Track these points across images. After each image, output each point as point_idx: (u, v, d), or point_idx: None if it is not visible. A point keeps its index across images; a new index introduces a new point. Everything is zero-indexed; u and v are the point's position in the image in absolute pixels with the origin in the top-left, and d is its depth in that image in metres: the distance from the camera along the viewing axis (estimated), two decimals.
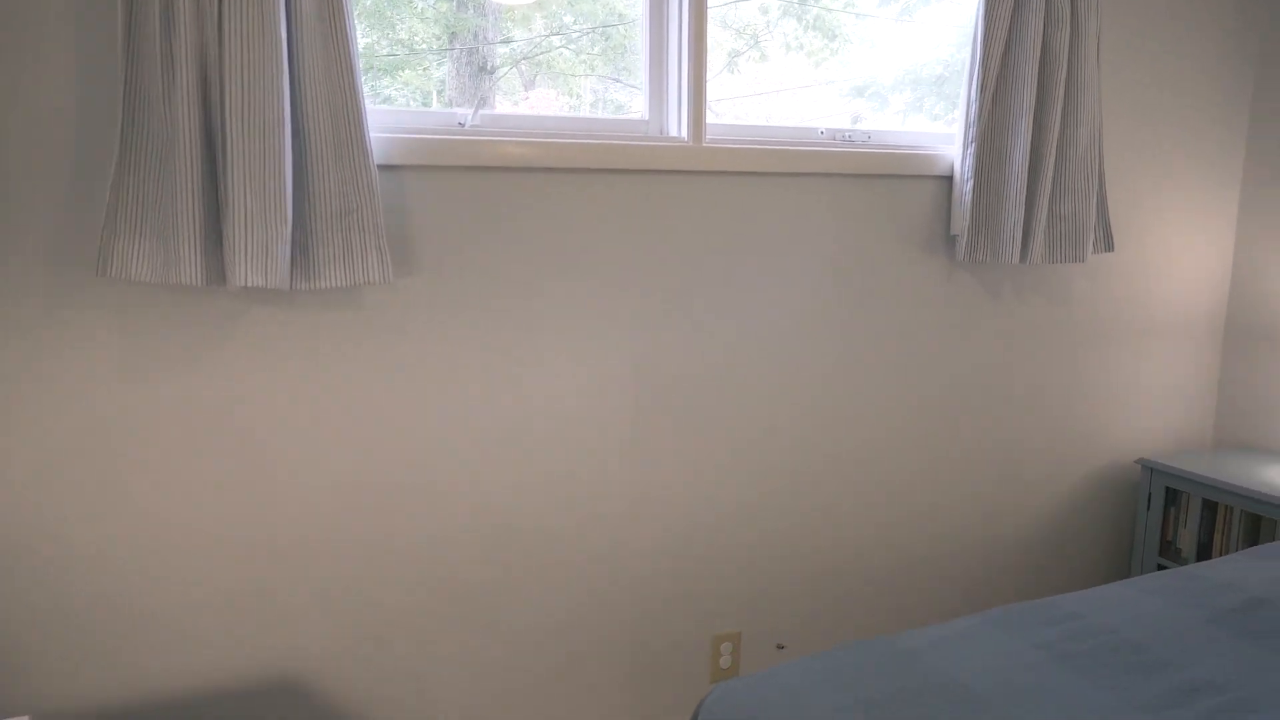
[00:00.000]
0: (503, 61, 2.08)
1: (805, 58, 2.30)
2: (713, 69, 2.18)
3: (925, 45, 2.40)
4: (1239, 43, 2.60)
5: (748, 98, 2.29)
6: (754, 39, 2.26)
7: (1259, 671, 1.53)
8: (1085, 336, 2.55)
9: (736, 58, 2.26)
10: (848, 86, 2.38)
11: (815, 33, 2.30)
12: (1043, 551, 2.63)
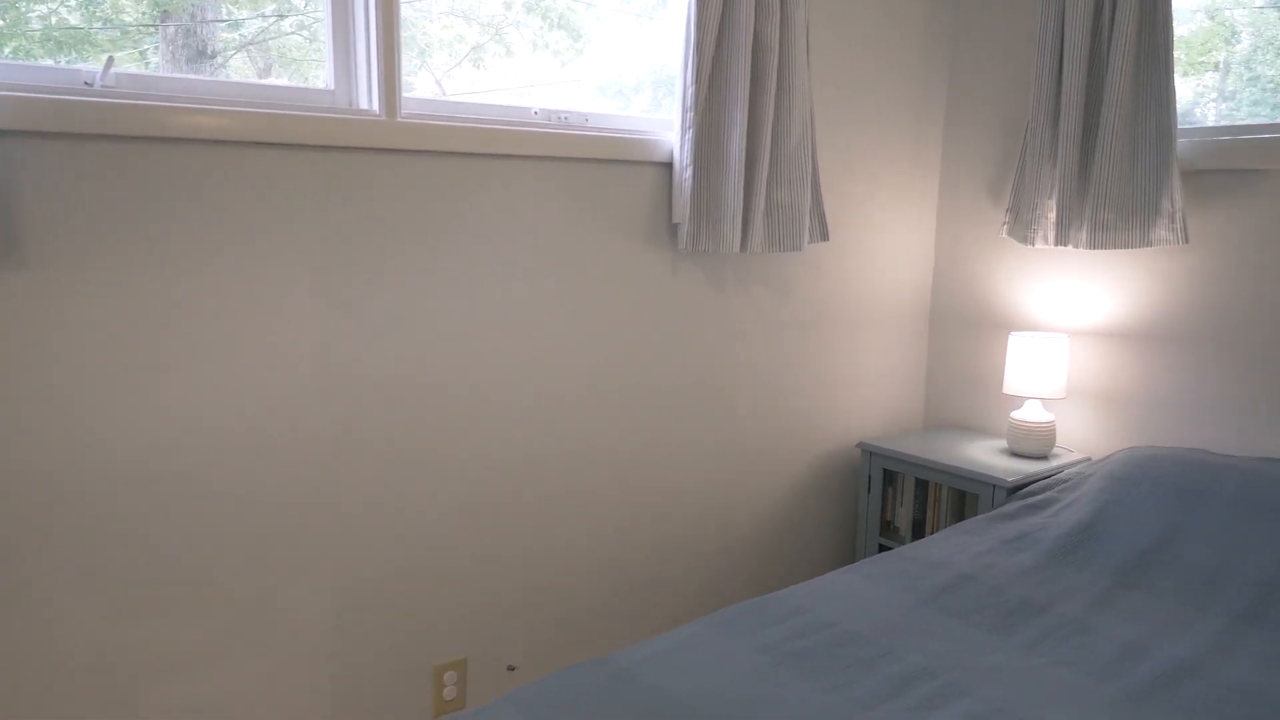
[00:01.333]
0: (227, 46, 1.77)
1: (552, 56, 2.20)
2: (451, 61, 2.05)
3: (666, 45, 2.36)
4: (934, 44, 2.74)
5: (493, 92, 2.15)
6: (496, 32, 2.12)
7: (968, 653, 1.54)
8: (807, 325, 2.59)
9: (480, 52, 2.11)
10: (594, 86, 2.29)
11: (561, 31, 2.21)
12: (777, 541, 2.65)
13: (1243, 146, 2.17)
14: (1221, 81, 2.64)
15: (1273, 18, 2.46)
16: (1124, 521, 1.98)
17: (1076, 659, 1.52)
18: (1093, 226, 2.29)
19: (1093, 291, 2.50)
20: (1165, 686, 1.44)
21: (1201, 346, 2.29)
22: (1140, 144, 2.22)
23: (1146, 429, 2.40)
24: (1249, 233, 2.20)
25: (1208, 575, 1.79)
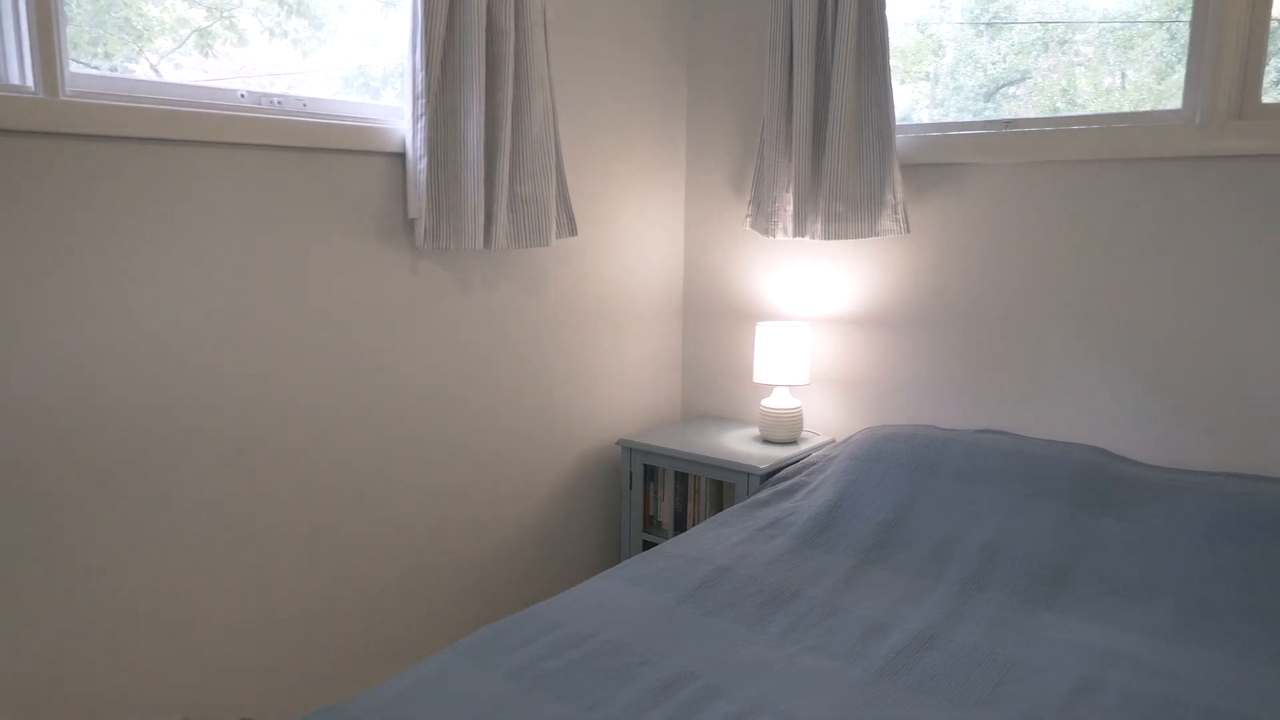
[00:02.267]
0: None
1: (292, 45, 1.97)
2: (169, 44, 1.79)
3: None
4: (674, 35, 2.75)
5: (223, 81, 1.88)
6: (226, 16, 1.86)
7: (726, 649, 1.52)
8: (562, 322, 2.51)
9: (209, 38, 1.84)
10: (339, 77, 2.08)
11: (301, 19, 1.98)
12: (542, 548, 2.56)
13: (951, 142, 2.33)
14: (933, 90, 2.84)
15: (971, 34, 2.68)
16: (865, 500, 2.06)
17: (825, 643, 1.55)
18: (826, 218, 2.37)
19: (831, 280, 2.61)
20: (906, 660, 1.49)
21: (926, 328, 2.45)
22: (865, 140, 2.33)
23: (884, 409, 2.54)
24: (959, 220, 2.37)
25: (938, 545, 1.89)
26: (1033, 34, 2.79)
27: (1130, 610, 1.64)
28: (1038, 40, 2.80)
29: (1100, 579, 1.74)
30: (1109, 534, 1.83)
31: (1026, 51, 2.80)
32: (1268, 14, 1.98)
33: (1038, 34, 2.79)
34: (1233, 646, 1.51)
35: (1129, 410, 2.17)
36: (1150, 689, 1.39)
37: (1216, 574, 1.68)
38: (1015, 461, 2.04)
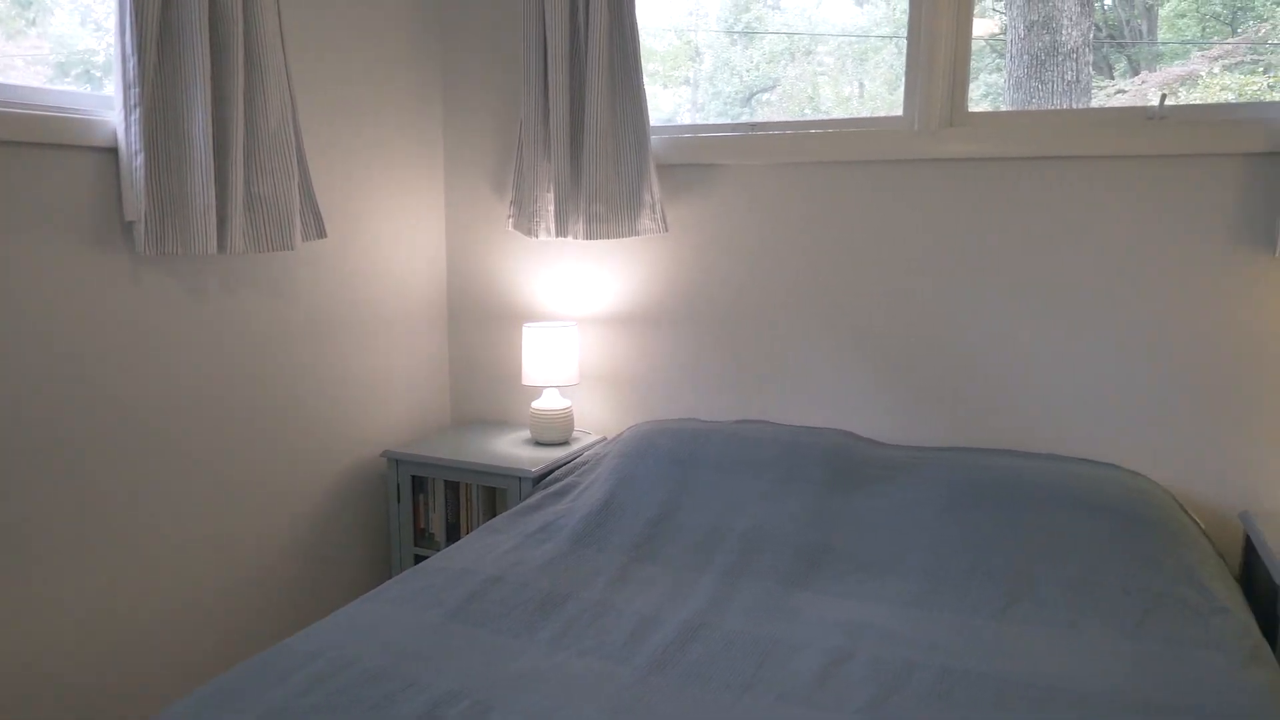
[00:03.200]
0: None
1: None
2: None
3: None
4: (425, 31, 2.66)
5: None
6: None
7: (496, 662, 1.48)
8: (316, 330, 2.36)
9: None
10: (53, 64, 1.81)
11: None
12: (307, 572, 2.39)
13: (704, 144, 2.41)
14: (694, 95, 2.92)
15: (726, 42, 2.78)
16: (634, 496, 2.08)
17: (597, 644, 1.54)
18: (588, 218, 2.38)
19: (596, 280, 2.62)
20: (675, 652, 1.51)
21: (688, 324, 2.52)
22: (622, 140, 2.36)
23: (652, 404, 2.59)
24: (714, 219, 2.45)
25: (704, 536, 1.94)
26: (781, 44, 2.95)
27: (878, 582, 1.76)
28: (786, 50, 2.96)
29: (851, 555, 1.85)
30: (857, 512, 1.96)
31: (776, 60, 2.96)
32: (969, 34, 2.20)
33: (785, 44, 2.95)
34: (966, 607, 1.65)
35: (872, 394, 2.34)
36: (895, 655, 1.49)
37: (952, 541, 1.83)
38: (771, 450, 2.14)
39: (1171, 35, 4.06)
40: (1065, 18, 3.92)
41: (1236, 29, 3.75)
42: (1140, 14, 4.41)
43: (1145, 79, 4.27)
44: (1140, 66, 4.34)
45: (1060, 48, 3.87)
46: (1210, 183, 2.00)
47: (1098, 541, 1.77)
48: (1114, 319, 2.10)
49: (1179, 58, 3.93)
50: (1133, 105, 2.15)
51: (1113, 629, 1.55)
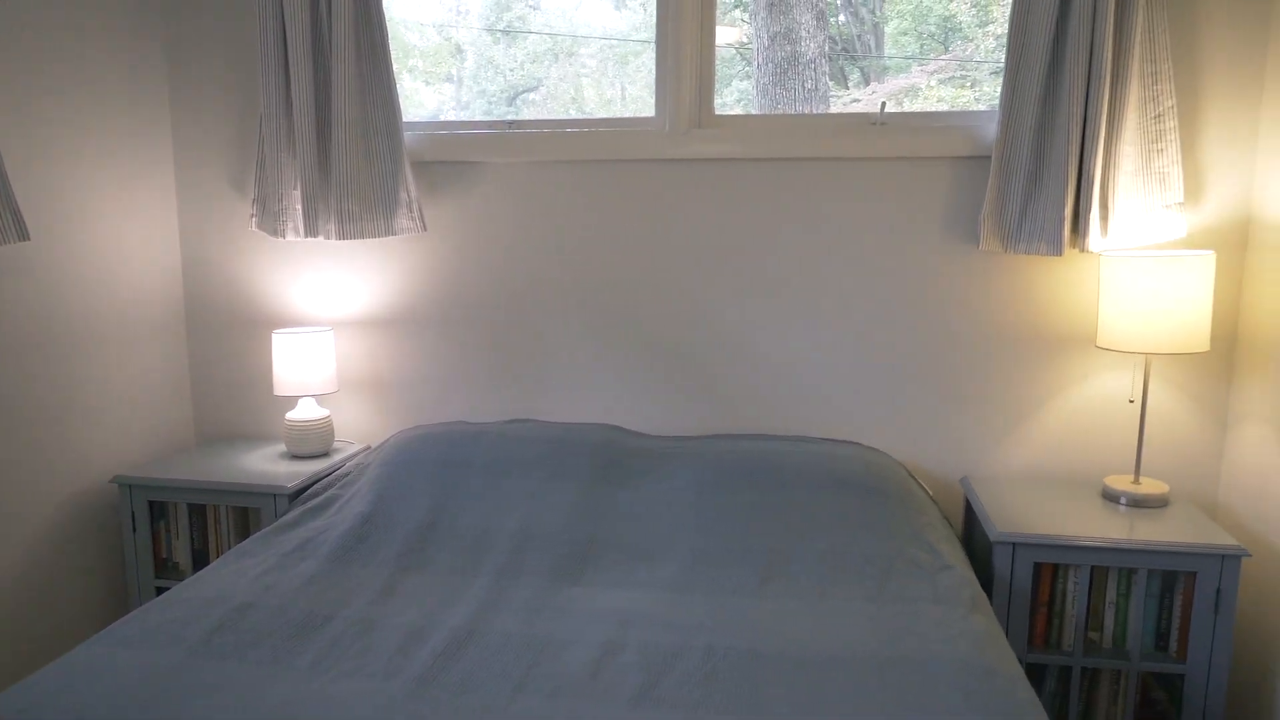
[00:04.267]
0: None
1: None
2: None
3: None
4: (146, 27, 2.42)
5: None
6: None
7: (247, 698, 1.36)
8: (26, 347, 2.08)
9: None
10: None
11: None
12: (26, 617, 2.10)
13: (463, 140, 2.36)
14: (458, 92, 2.86)
15: (489, 40, 2.74)
16: (400, 506, 2.01)
17: (362, 664, 1.47)
18: (340, 217, 2.27)
19: (352, 282, 2.50)
20: (446, 661, 1.47)
21: (452, 325, 2.46)
22: (373, 136, 2.27)
23: (419, 410, 2.51)
24: (475, 218, 2.41)
25: (475, 540, 1.91)
26: (544, 44, 2.95)
27: (644, 571, 1.80)
28: (549, 51, 2.96)
29: (619, 546, 1.89)
30: (624, 503, 2.00)
31: (540, 60, 2.95)
32: (713, 42, 2.30)
33: (548, 45, 2.95)
34: (727, 587, 1.73)
35: (638, 388, 2.39)
36: (662, 640, 1.53)
37: (710, 525, 1.91)
38: (538, 448, 2.13)
39: (896, 51, 4.47)
40: (803, 30, 4.21)
41: (948, 47, 4.20)
42: (869, 30, 4.82)
43: (875, 89, 4.63)
44: (871, 78, 4.74)
45: (800, 58, 4.16)
46: (925, 183, 2.21)
47: (842, 515, 1.91)
48: (849, 308, 2.28)
49: (903, 71, 4.33)
50: (860, 112, 2.34)
51: (857, 594, 1.68)
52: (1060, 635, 1.96)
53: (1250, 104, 2.05)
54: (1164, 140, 2.00)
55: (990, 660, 1.44)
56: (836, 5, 4.74)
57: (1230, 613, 1.84)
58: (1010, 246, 2.10)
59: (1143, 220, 2.03)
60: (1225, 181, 2.08)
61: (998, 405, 2.24)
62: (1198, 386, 2.15)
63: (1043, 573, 1.94)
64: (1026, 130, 2.03)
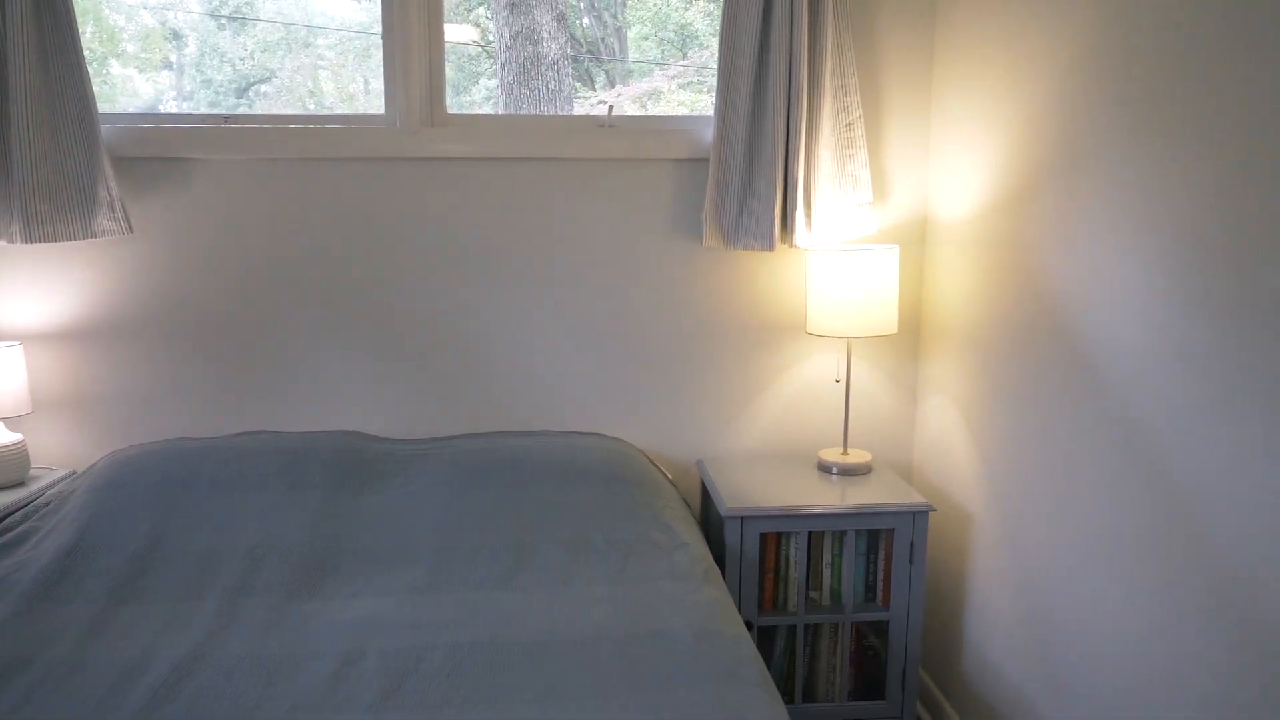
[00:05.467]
0: None
1: None
2: None
3: None
4: None
5: None
6: None
7: None
8: None
9: None
10: None
11: None
12: None
13: (173, 136, 2.19)
14: (179, 81, 2.64)
15: (213, 27, 2.55)
16: (112, 533, 1.84)
17: (67, 708, 1.34)
18: (26, 219, 2.03)
19: (45, 291, 2.25)
20: (168, 694, 1.37)
21: (170, 335, 2.28)
22: (63, 132, 2.05)
23: (134, 428, 2.30)
24: (193, 219, 2.25)
25: (202, 562, 1.79)
26: (277, 33, 2.79)
27: (391, 576, 1.77)
28: (282, 40, 2.80)
29: (363, 554, 1.84)
30: (367, 510, 1.95)
31: (273, 50, 2.79)
32: (441, 37, 2.29)
33: (281, 34, 2.79)
34: (473, 584, 1.74)
35: (383, 392, 2.33)
36: (406, 644, 1.51)
37: (459, 524, 1.91)
38: (274, 460, 2.03)
39: (639, 55, 4.65)
40: (545, 32, 4.26)
41: (686, 53, 4.42)
42: (612, 34, 4.97)
43: (620, 92, 4.77)
44: (616, 80, 4.89)
45: (543, 59, 4.21)
46: (653, 183, 2.33)
47: (586, 504, 1.98)
48: (588, 305, 2.35)
49: (646, 74, 4.51)
50: (589, 114, 2.43)
51: (599, 578, 1.75)
52: (787, 597, 2.14)
53: (922, 119, 2.35)
54: (854, 146, 2.24)
55: (717, 625, 1.55)
56: (580, 8, 4.85)
57: (922, 562, 2.10)
58: (731, 243, 2.26)
59: (840, 218, 2.26)
60: (906, 184, 2.37)
61: (727, 390, 2.41)
62: (893, 365, 2.43)
63: (768, 541, 2.12)
64: (739, 136, 2.19)
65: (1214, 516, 1.35)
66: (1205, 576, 1.36)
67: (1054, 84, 1.76)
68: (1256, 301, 1.25)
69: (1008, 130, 1.94)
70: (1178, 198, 1.41)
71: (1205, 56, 1.35)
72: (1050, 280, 1.78)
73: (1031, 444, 1.86)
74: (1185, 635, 1.41)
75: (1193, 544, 1.39)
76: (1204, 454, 1.36)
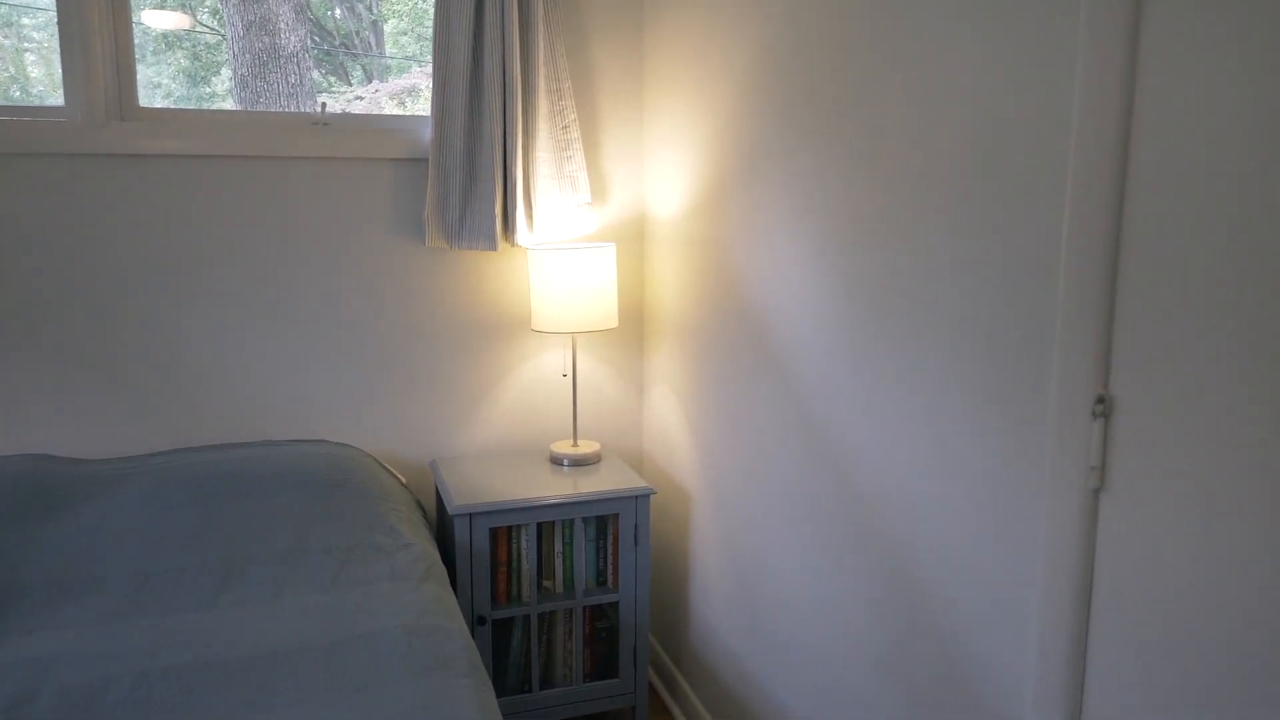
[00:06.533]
0: None
1: None
2: None
3: None
4: None
5: None
6: None
7: None
8: None
9: None
10: None
11: None
12: None
13: None
14: None
15: None
16: None
17: None
18: None
19: None
20: None
21: None
22: None
23: None
24: None
25: None
26: None
27: (77, 606, 1.64)
28: None
29: (50, 583, 1.69)
30: (54, 537, 1.79)
31: None
32: (130, 25, 2.13)
33: None
34: (174, 606, 1.64)
35: (80, 411, 2.14)
36: (89, 677, 1.41)
37: (161, 544, 1.80)
38: None
39: (396, 50, 4.52)
40: (282, 22, 4.06)
41: None
42: (368, 27, 4.80)
43: (378, 88, 4.64)
44: (374, 75, 4.74)
45: (281, 51, 4.00)
46: (373, 183, 2.30)
47: (304, 513, 1.92)
48: (310, 309, 2.28)
49: (405, 71, 4.40)
50: (301, 112, 2.35)
51: (313, 587, 1.71)
52: (520, 589, 2.19)
53: (636, 124, 2.47)
54: (571, 148, 2.32)
55: (433, 621, 1.57)
56: None
57: (646, 543, 2.22)
58: (454, 243, 2.28)
59: (561, 218, 2.34)
60: (625, 185, 2.48)
61: (458, 390, 2.42)
62: (620, 358, 2.55)
63: (499, 536, 2.15)
64: (457, 137, 2.21)
65: (863, 477, 1.53)
66: (856, 529, 1.55)
67: (734, 97, 1.92)
68: (895, 288, 1.44)
69: (703, 136, 2.09)
70: (830, 199, 1.59)
71: (846, 79, 1.53)
72: (741, 274, 1.94)
73: (734, 425, 2.02)
74: (847, 582, 1.59)
75: (855, 505, 1.57)
76: (857, 424, 1.55)
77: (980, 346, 1.24)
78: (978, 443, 1.25)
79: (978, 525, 1.26)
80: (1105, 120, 1.01)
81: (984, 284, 1.23)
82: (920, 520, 1.39)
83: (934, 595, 1.36)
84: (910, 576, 1.42)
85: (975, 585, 1.27)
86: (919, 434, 1.38)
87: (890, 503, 1.46)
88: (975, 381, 1.25)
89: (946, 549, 1.33)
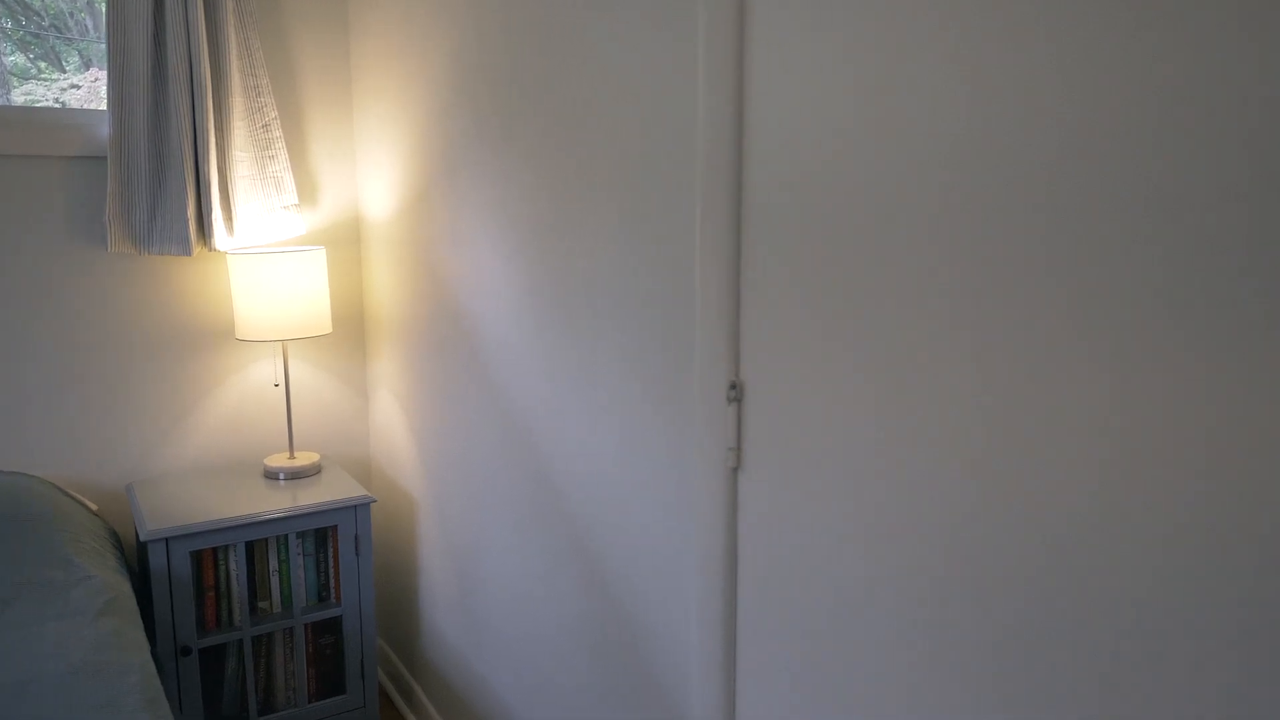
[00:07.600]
0: None
1: None
2: None
3: None
4: None
5: None
6: None
7: None
8: None
9: None
10: None
11: None
12: None
13: None
14: None
15: None
16: None
17: None
18: None
19: None
20: None
21: None
22: None
23: None
24: None
25: None
26: None
27: None
28: None
29: None
30: None
31: None
32: None
33: None
34: None
35: None
36: None
37: None
38: None
39: None
40: None
41: None
42: (83, 8, 4.30)
43: (98, 76, 4.23)
44: (92, 62, 4.26)
45: None
46: (44, 183, 2.08)
47: None
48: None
49: None
50: None
51: None
52: (232, 613, 2.07)
53: (346, 123, 2.40)
54: (274, 148, 2.22)
55: (105, 658, 1.45)
56: None
57: (369, 553, 2.17)
58: (144, 248, 2.11)
59: (264, 220, 2.23)
60: (337, 186, 2.41)
61: (157, 407, 2.25)
62: (341, 365, 2.47)
63: (204, 559, 2.03)
64: (140, 134, 2.05)
65: (558, 468, 1.58)
66: (555, 520, 1.60)
67: (433, 98, 1.92)
68: (572, 289, 1.50)
69: (407, 137, 2.07)
70: (518, 203, 1.63)
71: (523, 86, 1.57)
72: (447, 276, 1.95)
73: (448, 427, 2.02)
74: (550, 572, 1.64)
75: (554, 496, 1.62)
76: (551, 418, 1.60)
77: (643, 341, 1.32)
78: (649, 431, 1.33)
79: (654, 509, 1.34)
80: (721, 126, 1.11)
81: (640, 283, 1.31)
82: (609, 506, 1.46)
83: (625, 577, 1.43)
84: (603, 560, 1.48)
85: (653, 566, 1.36)
86: (600, 424, 1.45)
87: (584, 491, 1.52)
88: (641, 373, 1.33)
89: (631, 534, 1.40)
